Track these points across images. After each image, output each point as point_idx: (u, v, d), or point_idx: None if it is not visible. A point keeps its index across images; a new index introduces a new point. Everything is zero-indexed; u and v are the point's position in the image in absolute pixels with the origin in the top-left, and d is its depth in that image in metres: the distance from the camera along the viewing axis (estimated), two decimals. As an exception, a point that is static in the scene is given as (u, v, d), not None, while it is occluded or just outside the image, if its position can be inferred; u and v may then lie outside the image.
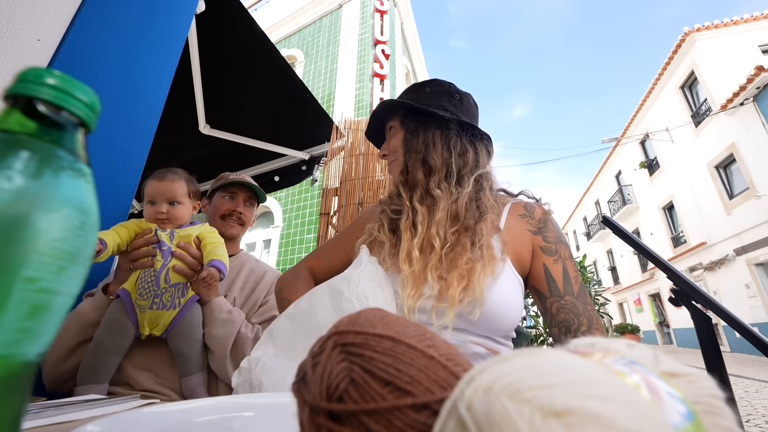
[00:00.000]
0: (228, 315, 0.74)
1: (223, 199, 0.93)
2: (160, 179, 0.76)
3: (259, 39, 1.36)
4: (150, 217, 0.75)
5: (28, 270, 0.13)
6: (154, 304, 0.68)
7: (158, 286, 0.68)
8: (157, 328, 0.69)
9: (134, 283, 0.69)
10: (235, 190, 0.93)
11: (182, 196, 0.77)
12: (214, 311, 0.74)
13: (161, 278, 0.69)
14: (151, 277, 0.69)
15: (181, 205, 0.76)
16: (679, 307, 0.52)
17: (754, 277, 7.60)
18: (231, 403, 0.28)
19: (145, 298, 0.68)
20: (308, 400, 0.14)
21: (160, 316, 0.68)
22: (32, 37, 0.69)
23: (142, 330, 0.68)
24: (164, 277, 0.69)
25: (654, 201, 11.53)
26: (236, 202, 0.92)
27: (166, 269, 0.69)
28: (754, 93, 7.19)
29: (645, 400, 0.11)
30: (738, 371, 5.21)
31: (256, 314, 0.84)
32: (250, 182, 0.94)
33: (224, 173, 0.98)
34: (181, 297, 0.71)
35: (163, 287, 0.69)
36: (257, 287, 0.88)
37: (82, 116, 0.16)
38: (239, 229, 0.93)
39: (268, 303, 0.86)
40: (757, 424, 2.48)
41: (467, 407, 0.11)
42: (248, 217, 0.95)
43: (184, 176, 0.79)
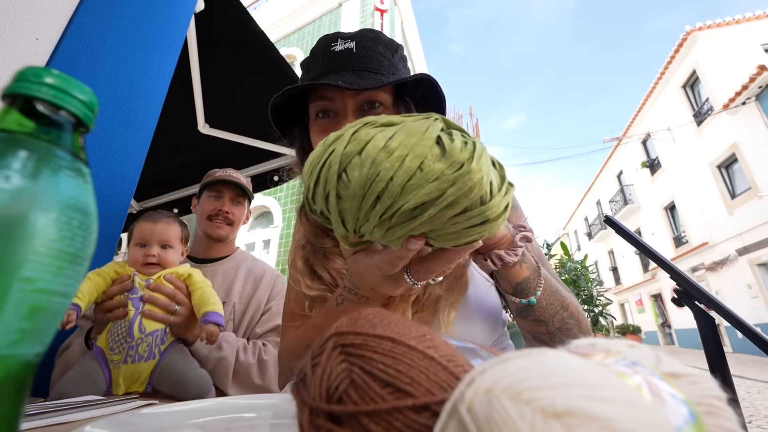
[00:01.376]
0: (218, 352, 0.70)
1: (209, 198, 0.90)
2: (153, 221, 0.70)
3: (258, 38, 1.36)
4: (137, 260, 0.68)
5: (26, 270, 0.13)
6: (128, 357, 0.61)
7: (132, 337, 0.62)
8: (137, 383, 0.62)
9: (105, 336, 0.63)
10: (221, 188, 0.90)
11: (175, 241, 0.72)
12: (203, 351, 0.69)
13: (134, 329, 0.62)
14: (122, 328, 0.62)
15: (173, 250, 0.71)
16: (681, 308, 0.52)
17: (756, 278, 7.58)
18: (231, 404, 0.28)
19: (118, 353, 0.61)
20: (307, 402, 0.14)
21: (137, 369, 0.62)
22: (30, 36, 0.69)
23: (116, 389, 0.61)
24: (138, 327, 0.62)
25: (655, 201, 11.51)
26: (222, 201, 0.89)
27: (139, 317, 0.63)
28: (757, 92, 7.17)
29: (646, 401, 0.11)
30: (740, 372, 5.20)
31: (259, 323, 0.81)
32: (236, 179, 0.90)
33: (212, 170, 0.94)
34: (160, 345, 0.64)
35: (138, 338, 0.62)
36: (258, 289, 0.85)
37: (81, 115, 0.16)
38: (228, 230, 0.89)
39: (271, 310, 0.83)
40: (760, 425, 2.47)
41: (468, 408, 0.11)
42: (237, 216, 0.91)
43: (178, 220, 0.75)
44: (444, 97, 0.43)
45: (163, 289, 0.66)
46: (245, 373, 0.72)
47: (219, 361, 0.70)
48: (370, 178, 0.20)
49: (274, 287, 0.88)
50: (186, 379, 0.64)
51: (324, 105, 0.42)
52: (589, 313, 5.35)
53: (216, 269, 0.87)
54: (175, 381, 0.63)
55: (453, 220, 0.20)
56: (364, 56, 0.40)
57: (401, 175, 0.19)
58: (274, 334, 0.81)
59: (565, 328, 0.38)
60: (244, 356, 0.73)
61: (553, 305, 0.38)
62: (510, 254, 0.34)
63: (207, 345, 0.69)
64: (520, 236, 0.36)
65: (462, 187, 0.19)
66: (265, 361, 0.75)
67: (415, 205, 0.20)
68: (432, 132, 0.20)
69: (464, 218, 0.20)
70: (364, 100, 0.41)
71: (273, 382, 0.75)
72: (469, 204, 0.20)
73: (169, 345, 0.66)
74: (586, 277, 5.59)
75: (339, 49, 0.41)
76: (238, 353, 0.73)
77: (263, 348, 0.77)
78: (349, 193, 0.20)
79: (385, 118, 0.23)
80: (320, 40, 0.44)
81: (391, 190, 0.19)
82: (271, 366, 0.75)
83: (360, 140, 0.21)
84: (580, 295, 5.32)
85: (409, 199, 0.19)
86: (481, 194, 0.20)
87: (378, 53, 0.41)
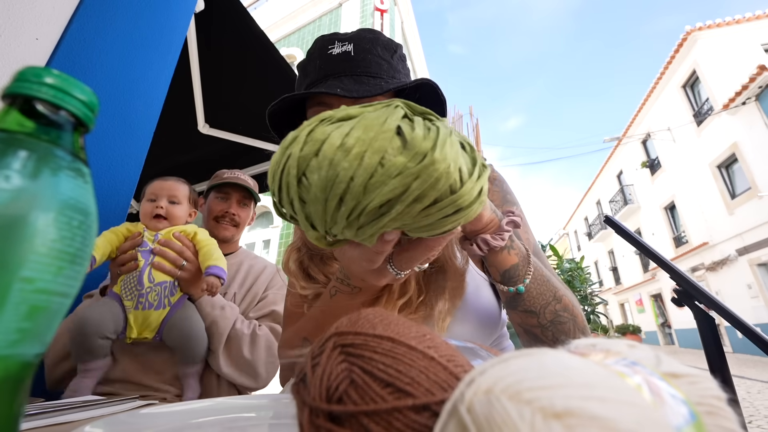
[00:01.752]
0: (220, 311, 0.73)
1: (216, 199, 0.91)
2: (164, 179, 0.78)
3: (258, 38, 1.36)
4: (147, 213, 0.74)
5: (26, 270, 0.13)
6: (139, 304, 0.66)
7: (142, 285, 0.67)
8: (147, 329, 0.67)
9: (119, 285, 0.68)
10: (228, 190, 0.92)
11: (183, 197, 0.78)
12: (206, 308, 0.73)
13: (144, 278, 0.68)
14: (134, 277, 0.68)
15: (180, 206, 0.77)
16: (682, 308, 0.52)
17: (756, 278, 7.58)
18: (230, 404, 0.28)
19: (130, 299, 0.67)
20: (307, 402, 0.14)
21: (148, 316, 0.67)
22: (30, 36, 0.69)
23: (129, 332, 0.66)
24: (147, 276, 0.68)
25: (655, 201, 11.51)
26: (229, 203, 0.91)
27: (148, 268, 0.69)
28: (757, 92, 7.17)
29: (646, 401, 0.11)
30: (740, 372, 5.21)
31: (254, 309, 0.84)
32: (244, 182, 0.92)
33: (220, 171, 0.96)
34: (169, 296, 0.69)
35: (148, 286, 0.68)
36: (256, 282, 0.87)
37: (81, 115, 0.16)
38: (233, 231, 0.91)
39: (267, 297, 0.86)
40: (760, 425, 2.47)
41: (468, 409, 0.11)
42: (243, 218, 0.93)
43: (187, 183, 0.81)
44: (445, 100, 0.42)
45: (172, 244, 0.71)
46: (237, 341, 0.74)
47: (219, 320, 0.73)
48: (330, 180, 0.19)
49: (273, 279, 0.90)
50: (191, 336, 0.68)
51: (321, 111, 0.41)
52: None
53: None
54: (182, 335, 0.68)
55: (424, 212, 0.19)
56: (363, 59, 0.39)
57: (362, 174, 0.18)
58: (268, 319, 0.83)
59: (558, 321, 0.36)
60: (240, 325, 0.76)
61: (545, 295, 0.36)
62: (496, 239, 0.34)
63: (210, 302, 0.73)
64: (507, 220, 0.35)
65: (427, 179, 0.18)
66: (258, 336, 0.76)
67: (381, 203, 0.19)
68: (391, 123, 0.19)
69: (435, 210, 0.19)
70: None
71: (260, 360, 0.75)
72: (438, 195, 0.19)
73: (179, 299, 0.71)
74: (581, 278, 5.60)
75: (336, 52, 0.40)
76: (236, 321, 0.76)
77: (257, 326, 0.79)
78: (311, 197, 0.20)
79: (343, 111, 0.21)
80: (317, 42, 0.42)
81: (353, 191, 0.18)
82: (262, 343, 0.77)
83: (316, 140, 0.20)
84: (575, 295, 5.37)
85: (373, 198, 0.18)
86: (449, 183, 0.19)
87: (377, 55, 0.40)
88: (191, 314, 0.70)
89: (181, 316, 0.69)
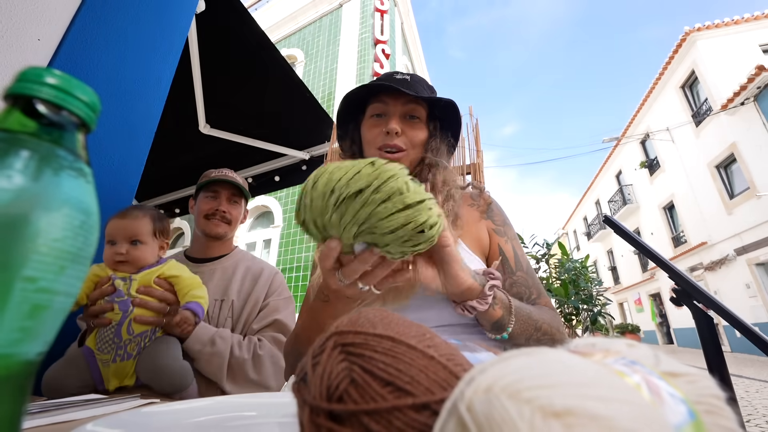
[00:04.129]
0: (212, 347, 0.70)
1: (206, 198, 0.89)
2: (121, 216, 0.68)
3: (259, 39, 1.36)
4: (108, 259, 0.66)
5: (28, 270, 0.13)
6: (117, 357, 0.62)
7: (120, 338, 0.62)
8: (127, 378, 0.63)
9: (94, 338, 0.63)
10: (217, 188, 0.89)
11: (146, 236, 0.67)
12: (195, 347, 0.69)
13: (123, 331, 0.62)
14: (110, 331, 0.62)
15: (144, 246, 0.67)
16: (680, 307, 0.52)
17: (755, 277, 7.59)
18: (231, 403, 0.28)
19: (107, 353, 0.62)
20: (308, 401, 0.14)
21: (125, 366, 0.63)
22: (32, 37, 0.69)
23: (107, 385, 0.62)
24: (126, 329, 0.63)
25: (654, 201, 11.52)
26: (219, 201, 0.89)
27: (127, 321, 0.63)
28: (755, 92, 7.18)
29: (645, 400, 0.11)
30: (738, 371, 5.21)
31: (257, 319, 0.81)
32: (232, 179, 0.90)
33: (208, 171, 0.94)
34: (149, 343, 0.64)
35: (127, 338, 0.63)
36: (255, 286, 0.85)
37: (82, 116, 0.16)
38: (225, 228, 0.89)
39: (269, 305, 0.83)
40: (758, 424, 2.47)
41: (467, 407, 0.11)
42: (234, 215, 0.90)
43: (150, 213, 0.71)
44: (461, 119, 0.58)
45: (153, 292, 0.65)
46: (240, 368, 0.72)
47: (212, 356, 0.70)
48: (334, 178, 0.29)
49: (272, 284, 0.87)
50: (158, 371, 0.62)
51: (380, 107, 0.56)
52: (588, 313, 5.34)
53: (214, 268, 0.87)
54: (148, 372, 0.62)
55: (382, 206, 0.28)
56: (413, 85, 0.56)
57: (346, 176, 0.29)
58: (271, 329, 0.81)
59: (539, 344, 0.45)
60: (239, 352, 0.73)
61: (527, 330, 0.45)
62: (481, 303, 0.41)
63: (198, 339, 0.69)
64: (489, 285, 0.42)
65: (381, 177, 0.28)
66: (260, 356, 0.75)
67: (356, 190, 0.28)
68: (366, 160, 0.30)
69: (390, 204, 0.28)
70: (407, 111, 0.55)
71: (269, 377, 0.75)
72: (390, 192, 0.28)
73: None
74: (586, 277, 5.58)
75: (399, 78, 0.56)
76: (233, 349, 0.73)
77: (258, 343, 0.77)
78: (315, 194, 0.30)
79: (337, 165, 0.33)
80: (386, 72, 0.61)
81: (340, 184, 0.29)
82: (267, 361, 0.75)
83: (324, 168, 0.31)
84: (580, 295, 5.31)
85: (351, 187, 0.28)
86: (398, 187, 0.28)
87: (423, 87, 0.57)
88: (162, 348, 0.64)
89: (149, 351, 0.63)
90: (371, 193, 0.27)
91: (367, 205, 0.27)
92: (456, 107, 0.56)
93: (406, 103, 0.54)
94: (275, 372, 0.76)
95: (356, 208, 0.28)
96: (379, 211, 0.27)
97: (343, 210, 0.28)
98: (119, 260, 0.65)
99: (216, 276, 0.85)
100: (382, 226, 0.28)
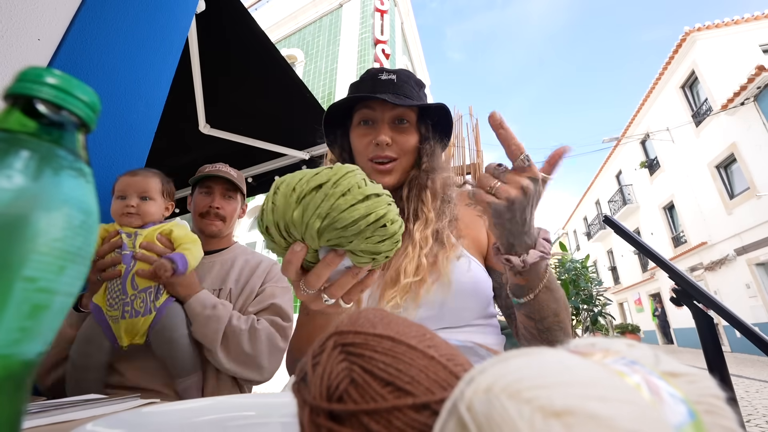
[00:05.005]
0: (212, 311, 0.71)
1: (200, 195, 0.89)
2: (133, 174, 0.71)
3: (259, 38, 1.36)
4: (117, 211, 0.68)
5: (28, 270, 0.13)
6: (125, 313, 0.63)
7: (126, 293, 0.63)
8: (137, 336, 0.65)
9: (103, 294, 0.64)
10: (210, 184, 0.89)
11: (155, 192, 0.71)
12: (196, 308, 0.70)
13: (127, 285, 0.64)
14: (117, 285, 0.64)
15: (153, 202, 0.70)
16: (680, 307, 0.52)
17: (755, 277, 7.59)
18: (231, 403, 0.28)
19: (115, 308, 0.63)
20: (308, 401, 0.14)
21: (136, 323, 0.64)
22: (32, 37, 0.69)
23: (121, 342, 0.64)
24: (130, 284, 0.64)
25: (654, 201, 11.52)
26: (212, 197, 0.88)
27: (130, 275, 0.64)
28: (755, 93, 7.18)
29: (645, 400, 0.11)
30: (738, 371, 5.21)
31: (253, 303, 0.81)
32: (225, 174, 0.88)
33: (203, 166, 0.93)
34: (155, 300, 0.66)
35: (132, 294, 0.64)
36: (252, 276, 0.85)
37: (83, 116, 0.16)
38: (220, 225, 0.88)
39: (265, 291, 0.83)
40: (758, 424, 2.48)
41: (467, 407, 0.11)
42: (228, 211, 0.89)
43: (159, 175, 0.74)
44: (452, 122, 0.56)
45: (154, 248, 0.67)
46: (235, 337, 0.71)
47: (210, 319, 0.70)
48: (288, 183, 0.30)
49: (269, 273, 0.87)
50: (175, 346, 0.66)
51: (367, 113, 0.54)
52: (588, 313, 5.35)
53: (213, 260, 0.87)
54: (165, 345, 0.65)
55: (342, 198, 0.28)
56: (401, 86, 0.53)
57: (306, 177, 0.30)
58: (268, 312, 0.81)
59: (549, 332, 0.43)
60: (236, 321, 0.73)
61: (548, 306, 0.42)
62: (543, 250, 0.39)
63: (200, 302, 0.71)
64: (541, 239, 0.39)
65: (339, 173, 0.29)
66: (257, 330, 0.74)
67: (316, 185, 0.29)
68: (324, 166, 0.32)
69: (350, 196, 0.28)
70: (396, 116, 0.53)
71: (262, 354, 0.74)
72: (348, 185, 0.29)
73: (165, 301, 0.68)
74: (586, 277, 5.59)
75: (384, 78, 0.54)
76: (231, 318, 0.73)
77: (256, 320, 0.77)
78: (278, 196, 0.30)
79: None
80: (369, 71, 0.57)
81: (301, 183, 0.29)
82: (263, 335, 0.74)
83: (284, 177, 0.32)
84: (580, 295, 5.32)
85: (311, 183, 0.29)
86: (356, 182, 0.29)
87: (410, 86, 0.54)
88: (175, 322, 0.67)
89: (163, 326, 0.66)
90: (331, 187, 0.28)
91: (327, 198, 0.28)
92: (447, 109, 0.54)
93: (394, 107, 0.52)
94: (270, 350, 0.75)
95: (317, 202, 0.28)
96: (339, 203, 0.28)
97: (305, 204, 0.28)
98: (129, 212, 0.68)
99: (215, 268, 0.85)
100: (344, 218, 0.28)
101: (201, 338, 0.71)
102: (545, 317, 0.42)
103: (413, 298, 0.46)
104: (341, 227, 0.28)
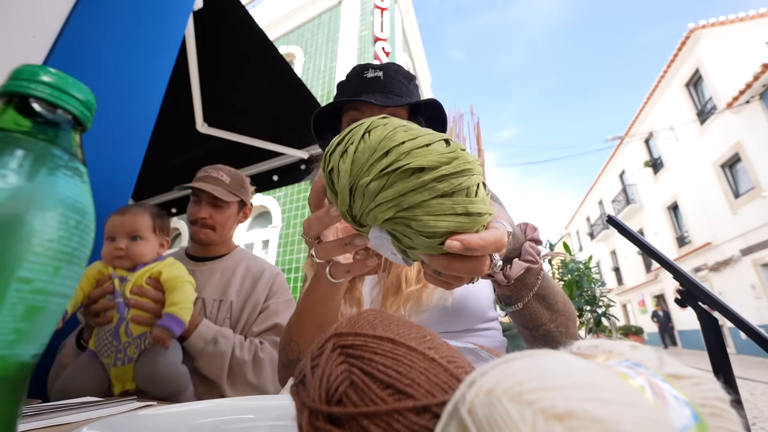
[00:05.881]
0: (214, 347, 0.69)
1: (191, 202, 0.87)
2: (121, 213, 0.68)
3: (257, 36, 1.35)
4: (107, 255, 0.65)
5: (23, 271, 0.13)
6: (118, 360, 0.61)
7: (119, 340, 0.61)
8: (128, 382, 0.62)
9: (94, 340, 0.62)
10: (197, 191, 0.85)
11: (145, 231, 0.67)
12: (198, 345, 0.68)
13: (121, 332, 0.62)
14: (108, 333, 0.61)
15: (144, 241, 0.66)
16: (685, 308, 0.51)
17: (760, 278, 7.53)
18: (229, 406, 0.28)
19: (107, 356, 0.61)
20: (307, 403, 0.14)
21: (126, 371, 0.62)
22: (27, 34, 0.68)
23: (114, 388, 0.62)
24: (124, 331, 0.62)
25: (658, 200, 11.45)
26: (199, 207, 0.85)
27: (124, 323, 0.62)
28: (760, 91, 7.11)
29: (649, 402, 0.11)
30: (744, 373, 5.18)
31: (257, 321, 0.80)
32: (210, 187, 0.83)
33: (203, 167, 0.90)
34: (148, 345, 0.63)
35: (126, 341, 0.62)
36: (256, 288, 0.83)
37: (78, 114, 0.16)
38: (209, 233, 0.84)
39: (269, 308, 0.82)
40: (763, 427, 2.46)
41: (469, 410, 0.10)
42: (218, 220, 0.85)
43: (150, 210, 0.70)
44: (446, 118, 0.54)
45: (148, 293, 0.64)
46: (239, 369, 0.72)
47: (214, 356, 0.70)
48: (387, 137, 0.23)
49: (273, 285, 0.86)
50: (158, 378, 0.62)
51: (355, 115, 0.52)
52: (591, 314, 5.32)
53: (214, 267, 0.86)
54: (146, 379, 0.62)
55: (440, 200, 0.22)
56: (389, 83, 0.51)
57: (411, 143, 0.22)
58: (272, 333, 0.80)
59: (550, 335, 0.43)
60: (239, 352, 0.73)
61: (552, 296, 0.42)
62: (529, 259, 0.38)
63: (201, 337, 0.69)
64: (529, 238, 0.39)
65: (456, 165, 0.22)
66: (261, 359, 0.74)
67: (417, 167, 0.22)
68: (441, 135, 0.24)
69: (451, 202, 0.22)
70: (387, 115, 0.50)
71: (268, 381, 0.74)
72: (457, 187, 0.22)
73: None
74: (589, 278, 5.55)
75: (370, 76, 0.51)
76: (234, 349, 0.72)
77: (260, 346, 0.76)
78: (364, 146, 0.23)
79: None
80: (354, 68, 0.55)
81: (401, 149, 0.22)
82: (267, 364, 0.75)
83: (388, 118, 0.25)
84: (583, 296, 5.29)
85: (411, 161, 0.22)
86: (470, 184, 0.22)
87: (399, 81, 0.52)
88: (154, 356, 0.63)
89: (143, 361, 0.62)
90: (433, 180, 0.21)
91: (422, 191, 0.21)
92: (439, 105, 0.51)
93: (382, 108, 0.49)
94: (274, 377, 0.75)
95: (406, 188, 0.21)
96: (433, 205, 0.21)
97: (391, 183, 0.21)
98: (118, 255, 0.65)
99: (216, 276, 0.84)
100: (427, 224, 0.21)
101: (206, 373, 0.70)
102: (540, 325, 0.41)
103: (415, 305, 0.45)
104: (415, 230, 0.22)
